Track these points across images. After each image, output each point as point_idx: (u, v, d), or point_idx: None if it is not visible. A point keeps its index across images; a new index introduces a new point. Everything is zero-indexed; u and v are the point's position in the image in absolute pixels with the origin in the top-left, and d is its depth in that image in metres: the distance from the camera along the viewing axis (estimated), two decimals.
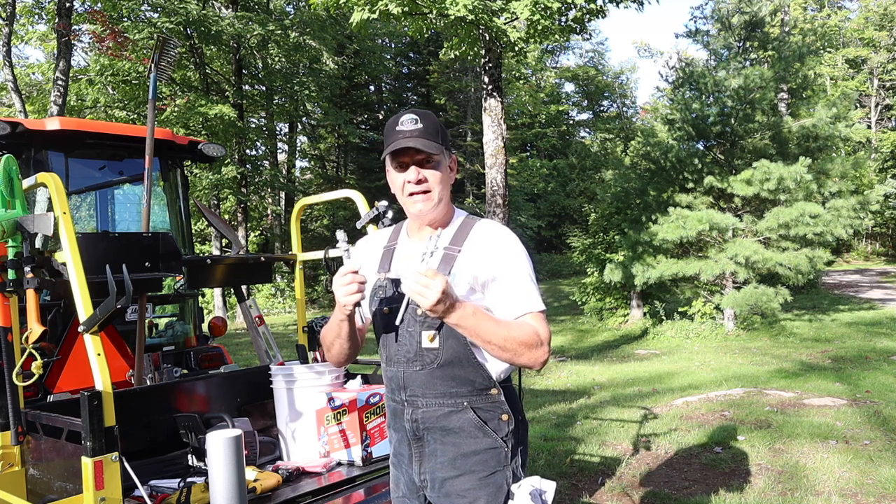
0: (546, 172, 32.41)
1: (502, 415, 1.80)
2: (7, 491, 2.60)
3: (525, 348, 1.68)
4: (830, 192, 12.47)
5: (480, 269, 1.78)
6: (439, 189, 1.82)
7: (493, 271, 1.77)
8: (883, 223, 31.09)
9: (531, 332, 1.71)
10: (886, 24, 32.33)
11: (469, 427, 1.78)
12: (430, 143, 1.78)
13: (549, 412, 6.67)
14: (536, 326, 1.73)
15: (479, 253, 1.80)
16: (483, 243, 1.81)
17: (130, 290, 2.25)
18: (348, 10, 9.91)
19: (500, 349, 1.67)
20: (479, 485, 1.77)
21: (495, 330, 1.67)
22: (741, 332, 12.43)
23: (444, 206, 1.86)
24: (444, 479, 1.80)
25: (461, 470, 1.79)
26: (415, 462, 1.86)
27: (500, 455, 1.79)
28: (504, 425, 1.81)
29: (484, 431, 1.78)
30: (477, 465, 1.78)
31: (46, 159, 4.02)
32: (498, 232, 1.84)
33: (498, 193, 10.17)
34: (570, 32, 10.35)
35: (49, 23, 17.01)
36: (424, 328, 1.78)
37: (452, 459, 1.79)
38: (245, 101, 20.40)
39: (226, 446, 1.94)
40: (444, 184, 1.84)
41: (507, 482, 1.78)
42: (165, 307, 4.79)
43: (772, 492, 4.13)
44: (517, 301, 1.76)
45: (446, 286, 1.57)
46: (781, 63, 12.93)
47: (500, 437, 1.79)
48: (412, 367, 1.81)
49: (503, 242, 1.81)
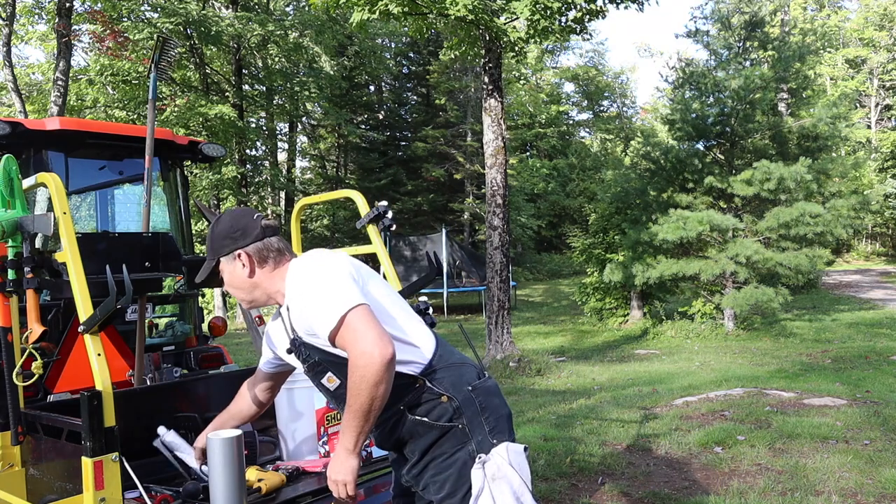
0: (546, 172, 32.41)
1: (441, 397, 1.86)
2: (7, 491, 2.60)
3: (363, 383, 1.68)
4: (830, 192, 12.49)
5: (296, 312, 1.89)
6: (233, 291, 2.03)
7: (300, 310, 1.86)
8: (883, 223, 31.08)
9: (351, 371, 1.70)
10: (886, 24, 32.33)
11: (414, 426, 1.87)
12: (206, 263, 2.03)
13: (549, 412, 6.67)
14: (347, 348, 1.72)
15: (291, 299, 1.91)
16: (289, 290, 1.92)
17: (130, 290, 2.24)
18: (348, 10, 9.91)
19: (369, 408, 1.70)
20: (444, 467, 1.86)
21: (350, 415, 1.74)
22: (741, 332, 12.43)
23: (260, 291, 2.00)
24: (417, 474, 1.92)
25: (426, 461, 1.89)
26: (399, 467, 2.02)
27: (455, 434, 1.86)
28: (447, 406, 1.86)
29: (428, 424, 1.86)
30: (437, 451, 1.87)
31: (46, 159, 4.02)
32: (293, 271, 1.92)
33: (498, 193, 10.17)
34: (569, 33, 10.34)
35: (49, 23, 17.02)
36: (319, 376, 1.94)
37: (420, 456, 1.90)
38: (245, 101, 20.40)
39: (226, 446, 1.94)
40: (234, 283, 2.01)
41: (470, 456, 1.84)
42: (165, 307, 4.79)
43: (772, 492, 4.13)
44: (318, 326, 1.78)
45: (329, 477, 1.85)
46: (781, 63, 12.94)
47: (444, 421, 1.85)
48: (340, 406, 1.90)
49: (294, 279, 1.90)
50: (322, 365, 1.90)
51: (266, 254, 1.97)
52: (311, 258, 1.90)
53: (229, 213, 2.04)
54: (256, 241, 1.97)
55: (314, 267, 1.86)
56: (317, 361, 1.90)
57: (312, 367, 1.92)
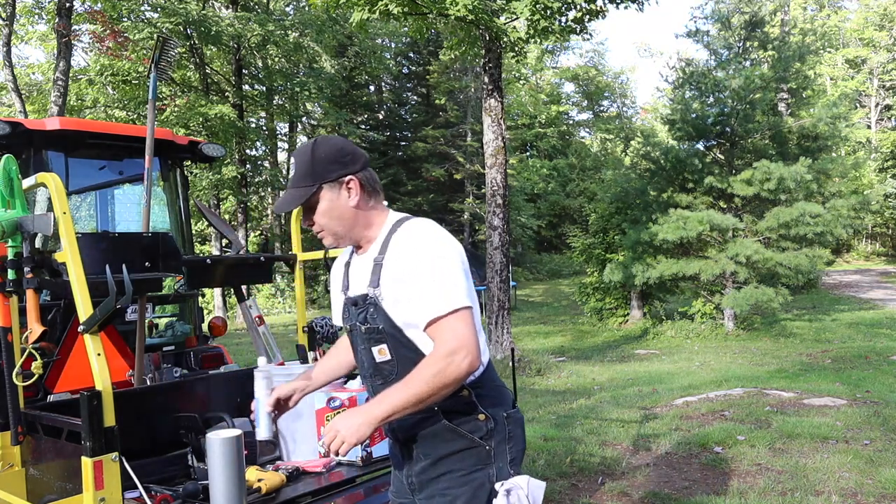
0: (546, 172, 32.43)
1: (478, 415, 1.79)
2: (7, 491, 2.60)
3: (436, 379, 1.63)
4: (830, 192, 12.50)
5: (393, 277, 1.75)
6: (331, 225, 1.81)
7: (401, 279, 1.73)
8: (883, 223, 31.10)
9: (428, 364, 1.65)
10: (886, 25, 32.34)
11: (443, 431, 1.78)
12: (299, 190, 1.78)
13: (549, 412, 6.67)
14: (438, 342, 1.66)
15: (392, 260, 1.76)
16: (396, 249, 1.77)
17: (130, 290, 2.24)
18: (348, 10, 9.91)
19: (424, 401, 1.64)
20: (459, 483, 1.77)
21: (402, 395, 1.64)
22: (741, 332, 12.43)
23: (355, 232, 1.83)
24: (427, 480, 1.82)
25: (440, 471, 1.80)
26: (405, 465, 1.89)
27: (479, 454, 1.78)
28: (482, 425, 1.79)
29: (458, 433, 1.78)
30: (455, 465, 1.78)
31: (46, 159, 4.02)
32: (409, 235, 1.77)
33: (498, 193, 10.18)
34: (569, 33, 10.34)
35: (49, 23, 17.02)
36: (373, 343, 1.80)
37: (434, 462, 1.81)
38: (245, 101, 20.40)
39: (226, 446, 1.94)
40: (336, 216, 1.80)
41: (489, 480, 1.77)
42: (165, 307, 4.79)
43: (772, 492, 4.13)
44: (422, 309, 1.69)
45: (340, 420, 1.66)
46: (781, 63, 12.95)
47: (477, 437, 1.78)
48: (375, 381, 1.83)
49: (411, 246, 1.74)
50: (383, 335, 1.77)
51: (374, 185, 1.84)
52: (434, 229, 1.77)
53: (332, 138, 1.86)
54: (364, 169, 1.83)
55: (438, 243, 1.72)
56: (379, 329, 1.77)
57: (371, 331, 1.78)
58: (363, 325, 1.79)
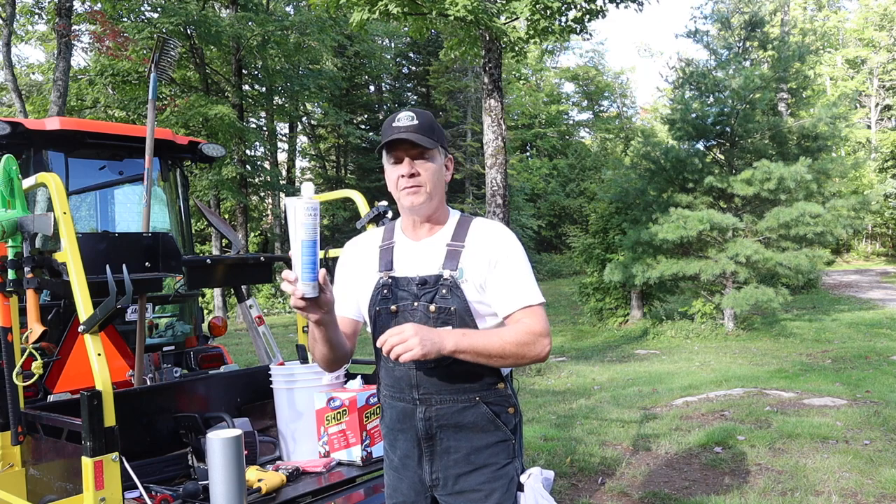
0: (546, 172, 32.44)
1: (509, 408, 1.86)
2: (7, 491, 2.60)
3: (523, 348, 1.72)
4: (830, 192, 12.49)
5: (482, 265, 1.80)
6: (432, 184, 1.81)
7: (493, 266, 1.80)
8: (883, 223, 31.10)
9: (522, 331, 1.73)
10: (886, 25, 32.34)
11: (482, 422, 1.82)
12: (424, 137, 1.77)
13: (549, 412, 6.67)
14: (531, 322, 1.75)
15: (481, 248, 1.82)
16: (483, 239, 1.83)
17: (130, 290, 2.25)
18: (348, 10, 9.91)
19: (501, 358, 1.71)
20: (494, 477, 1.82)
21: (490, 341, 1.71)
22: (741, 332, 12.43)
23: (437, 203, 1.86)
24: (458, 475, 1.83)
25: (475, 465, 1.82)
26: (426, 462, 1.85)
27: (509, 447, 1.85)
28: (512, 418, 1.86)
29: (496, 425, 1.83)
30: (490, 459, 1.83)
31: (46, 159, 4.02)
32: (497, 228, 1.88)
33: (498, 193, 10.17)
34: (569, 33, 10.34)
35: (49, 23, 17.02)
36: (439, 324, 1.78)
37: (466, 455, 1.82)
38: (245, 102, 20.39)
39: (226, 446, 1.94)
40: (438, 180, 1.83)
41: (517, 473, 1.85)
42: (165, 307, 4.79)
43: (772, 492, 4.13)
44: (515, 295, 1.78)
45: (417, 327, 1.61)
46: (781, 63, 12.94)
47: (508, 430, 1.85)
48: (426, 364, 1.80)
49: (502, 238, 1.84)
50: (452, 316, 1.77)
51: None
52: (506, 228, 1.90)
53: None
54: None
55: (516, 240, 1.86)
56: (451, 311, 1.78)
57: (441, 311, 1.77)
58: (431, 304, 1.79)
